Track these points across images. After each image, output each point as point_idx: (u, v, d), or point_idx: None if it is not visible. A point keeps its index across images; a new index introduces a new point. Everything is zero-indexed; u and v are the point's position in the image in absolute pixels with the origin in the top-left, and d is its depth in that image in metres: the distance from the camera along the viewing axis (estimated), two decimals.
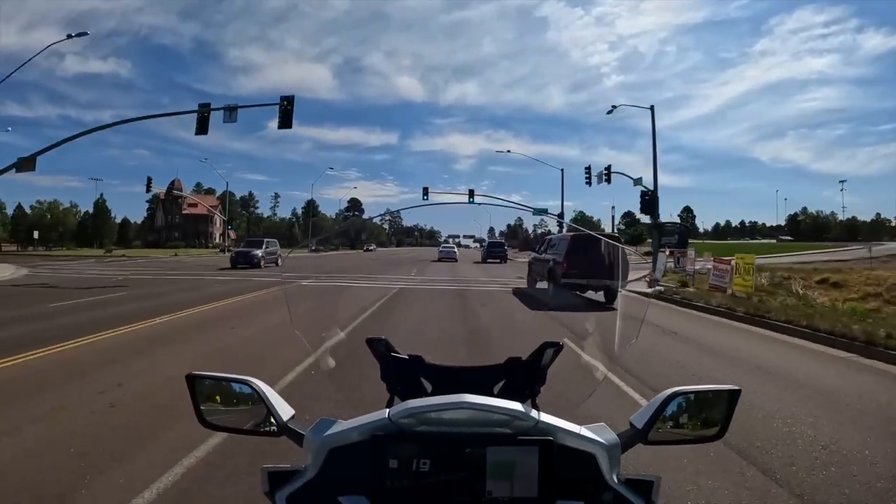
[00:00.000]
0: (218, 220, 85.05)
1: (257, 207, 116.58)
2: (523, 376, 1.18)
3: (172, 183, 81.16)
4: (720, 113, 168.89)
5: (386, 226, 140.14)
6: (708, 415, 1.02)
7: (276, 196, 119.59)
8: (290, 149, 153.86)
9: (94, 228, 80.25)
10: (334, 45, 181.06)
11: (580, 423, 0.97)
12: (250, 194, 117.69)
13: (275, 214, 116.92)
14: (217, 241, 75.82)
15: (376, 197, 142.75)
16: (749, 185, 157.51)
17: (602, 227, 76.11)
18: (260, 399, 1.02)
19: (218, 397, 1.05)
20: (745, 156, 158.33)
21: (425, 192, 33.78)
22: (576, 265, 11.58)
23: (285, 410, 1.03)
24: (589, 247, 10.33)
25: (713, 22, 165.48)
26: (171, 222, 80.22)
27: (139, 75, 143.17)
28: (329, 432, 0.95)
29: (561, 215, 37.41)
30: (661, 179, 22.40)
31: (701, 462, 3.35)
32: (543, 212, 37.98)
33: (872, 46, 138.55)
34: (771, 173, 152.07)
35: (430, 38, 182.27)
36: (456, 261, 32.94)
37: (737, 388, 1.02)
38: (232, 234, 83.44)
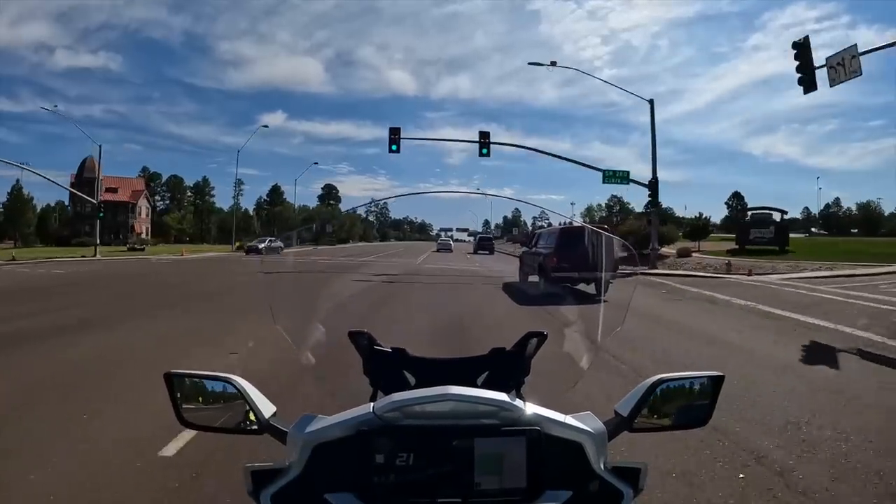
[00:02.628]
0: (143, 209, 67.30)
1: (212, 195, 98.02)
2: (507, 367, 1.13)
3: (83, 163, 63.13)
4: (712, 107, 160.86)
5: (372, 217, 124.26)
6: (692, 402, 1.01)
7: (240, 183, 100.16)
8: (281, 143, 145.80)
9: (8, 220, 64.74)
10: (325, 38, 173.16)
11: (565, 413, 0.94)
12: (205, 180, 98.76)
13: (238, 205, 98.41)
14: (141, 235, 58.13)
15: (367, 191, 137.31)
16: (742, 180, 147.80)
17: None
18: (241, 396, 0.98)
19: (197, 395, 1.00)
20: (737, 150, 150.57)
21: (393, 134, 16.92)
22: (566, 258, 10.59)
23: (267, 407, 0.99)
24: (580, 239, 9.33)
25: (706, 16, 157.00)
26: (83, 212, 62.00)
27: (130, 69, 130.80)
28: (312, 428, 0.92)
29: (653, 183, 20.67)
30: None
31: None
32: (623, 179, 21.17)
33: (864, 43, 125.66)
34: (763, 168, 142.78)
35: (422, 32, 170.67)
36: (451, 251, 32.15)
37: (720, 374, 1.01)
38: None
